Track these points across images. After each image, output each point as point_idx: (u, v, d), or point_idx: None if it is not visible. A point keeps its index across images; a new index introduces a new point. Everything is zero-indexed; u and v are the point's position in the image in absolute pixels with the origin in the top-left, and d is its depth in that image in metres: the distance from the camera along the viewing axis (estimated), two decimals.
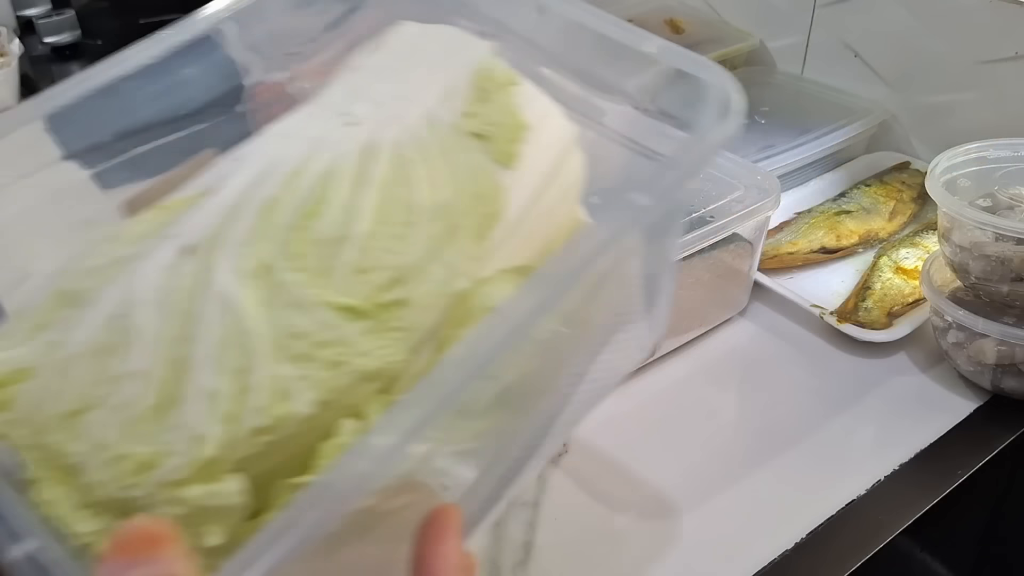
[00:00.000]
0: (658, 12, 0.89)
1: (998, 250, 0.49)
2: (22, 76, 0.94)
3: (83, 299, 0.24)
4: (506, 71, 0.29)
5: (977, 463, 0.49)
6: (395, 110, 0.27)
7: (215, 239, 0.24)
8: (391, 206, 0.25)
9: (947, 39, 0.69)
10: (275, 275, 0.23)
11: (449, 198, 0.25)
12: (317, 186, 0.25)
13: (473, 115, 0.27)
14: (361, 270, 0.23)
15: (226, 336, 0.22)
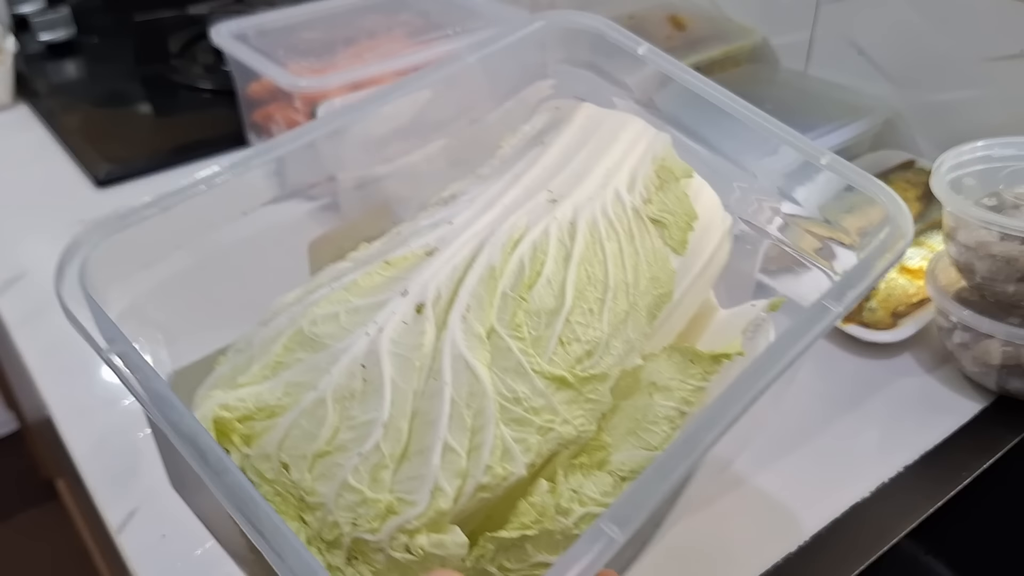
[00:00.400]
0: (660, 8, 0.88)
1: (1004, 249, 0.49)
2: (17, 74, 0.93)
3: (322, 344, 0.25)
4: (682, 164, 0.32)
5: (982, 465, 0.49)
6: (590, 190, 0.30)
7: (447, 300, 0.26)
8: (587, 282, 0.27)
9: (953, 36, 0.68)
10: (500, 341, 0.25)
11: (632, 278, 0.28)
12: (529, 258, 0.27)
13: (653, 202, 0.30)
14: (564, 342, 0.26)
15: (464, 394, 0.24)
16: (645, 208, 0.30)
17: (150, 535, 0.46)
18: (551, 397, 0.25)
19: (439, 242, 0.28)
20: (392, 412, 0.24)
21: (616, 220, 0.29)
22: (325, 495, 0.23)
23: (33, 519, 1.43)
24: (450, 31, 0.76)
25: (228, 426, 0.25)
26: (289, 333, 0.26)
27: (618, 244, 0.29)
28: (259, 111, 0.76)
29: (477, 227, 0.28)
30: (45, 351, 0.59)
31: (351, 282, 0.27)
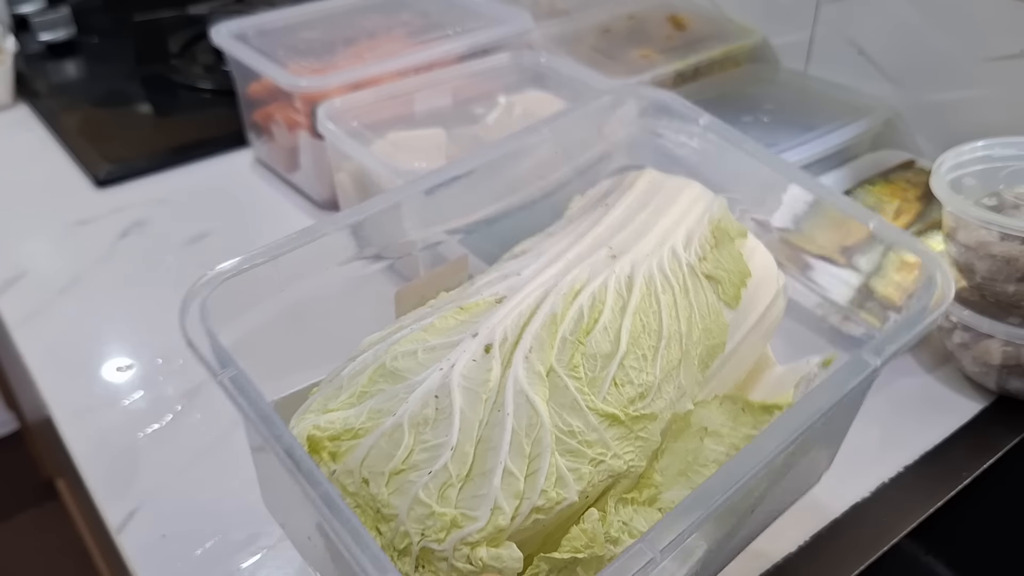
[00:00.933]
0: (661, 8, 0.88)
1: (1004, 249, 0.49)
2: (17, 73, 0.93)
3: (401, 377, 0.29)
4: (737, 224, 0.35)
5: (982, 465, 0.49)
6: (648, 247, 0.32)
7: (512, 341, 0.29)
8: (642, 331, 0.30)
9: (953, 36, 0.68)
10: (559, 379, 0.28)
11: (685, 329, 0.31)
12: (588, 307, 0.30)
13: (708, 259, 0.33)
14: (617, 383, 0.29)
15: (524, 425, 0.27)
16: (700, 265, 0.33)
17: (150, 535, 0.46)
18: (603, 432, 0.28)
19: (508, 291, 0.31)
20: (460, 437, 0.27)
21: (672, 275, 0.32)
22: (399, 508, 0.26)
23: (33, 519, 1.43)
24: (450, 31, 0.76)
25: (319, 444, 0.28)
26: (374, 367, 0.29)
27: (672, 297, 0.31)
28: (259, 111, 0.76)
29: (542, 279, 0.31)
30: (45, 351, 0.59)
31: (429, 324, 0.30)
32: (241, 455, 0.50)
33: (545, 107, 0.68)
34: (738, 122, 0.73)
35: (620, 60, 0.79)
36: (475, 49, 0.74)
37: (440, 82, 0.71)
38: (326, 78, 0.69)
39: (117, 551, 0.46)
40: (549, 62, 0.74)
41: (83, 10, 1.09)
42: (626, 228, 0.33)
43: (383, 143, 0.64)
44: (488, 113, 0.69)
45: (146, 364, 0.57)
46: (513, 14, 0.78)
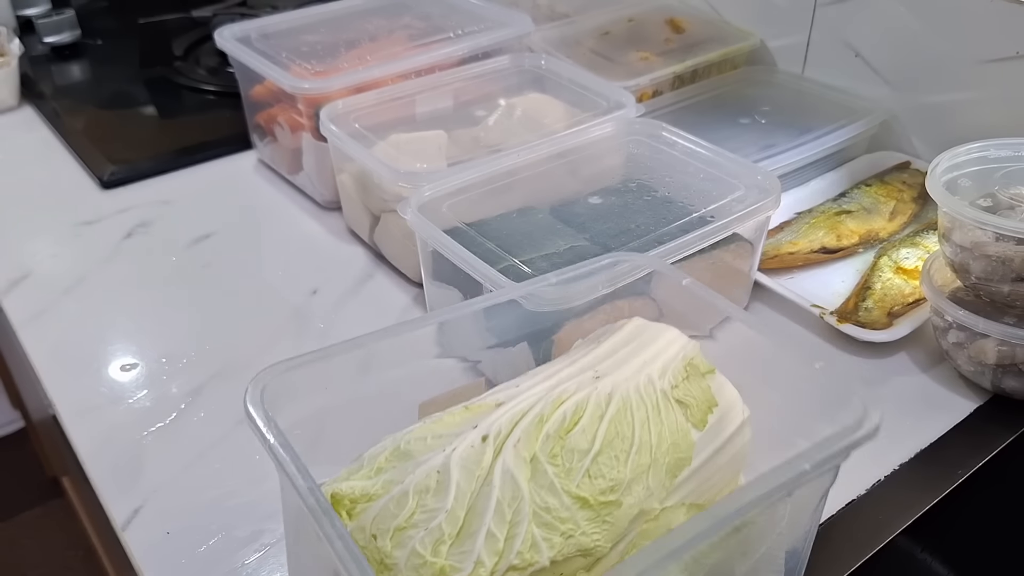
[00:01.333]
0: (659, 11, 0.89)
1: (999, 250, 0.49)
2: (22, 76, 0.94)
3: (412, 457, 0.35)
4: (706, 363, 0.42)
5: (977, 463, 0.49)
6: (627, 374, 0.39)
7: (505, 434, 0.36)
8: (615, 437, 0.36)
9: (948, 38, 0.69)
10: (540, 465, 0.35)
11: (655, 441, 0.37)
12: (571, 412, 0.37)
13: (680, 387, 0.40)
14: (591, 476, 0.35)
15: (507, 498, 0.33)
16: (672, 391, 0.39)
17: (155, 532, 0.46)
18: (575, 512, 0.34)
19: (506, 398, 0.38)
20: (454, 504, 0.33)
21: (646, 396, 0.38)
22: (399, 558, 0.32)
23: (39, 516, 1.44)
24: (451, 34, 0.77)
25: (340, 503, 0.34)
26: (391, 449, 0.36)
27: (646, 413, 0.38)
28: (262, 113, 0.77)
29: (536, 390, 0.38)
30: (50, 350, 0.60)
31: (439, 419, 0.37)
32: (244, 453, 0.51)
33: (545, 109, 0.69)
34: (736, 124, 0.74)
35: (619, 63, 0.80)
36: (476, 52, 0.75)
37: (441, 84, 0.71)
38: (328, 81, 0.69)
39: (122, 548, 0.46)
40: (549, 65, 0.74)
41: (88, 13, 1.10)
42: (611, 358, 0.40)
43: (385, 145, 0.65)
44: (489, 115, 0.69)
45: (150, 363, 0.58)
46: (513, 17, 0.79)
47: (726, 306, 0.44)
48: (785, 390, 0.54)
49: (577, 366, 0.40)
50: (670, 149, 0.62)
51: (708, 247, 0.54)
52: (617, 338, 0.42)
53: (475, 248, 0.51)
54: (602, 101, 0.68)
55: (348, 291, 0.65)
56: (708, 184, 0.58)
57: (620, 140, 0.64)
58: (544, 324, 0.49)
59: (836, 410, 0.39)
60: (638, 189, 0.59)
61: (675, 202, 0.57)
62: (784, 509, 0.39)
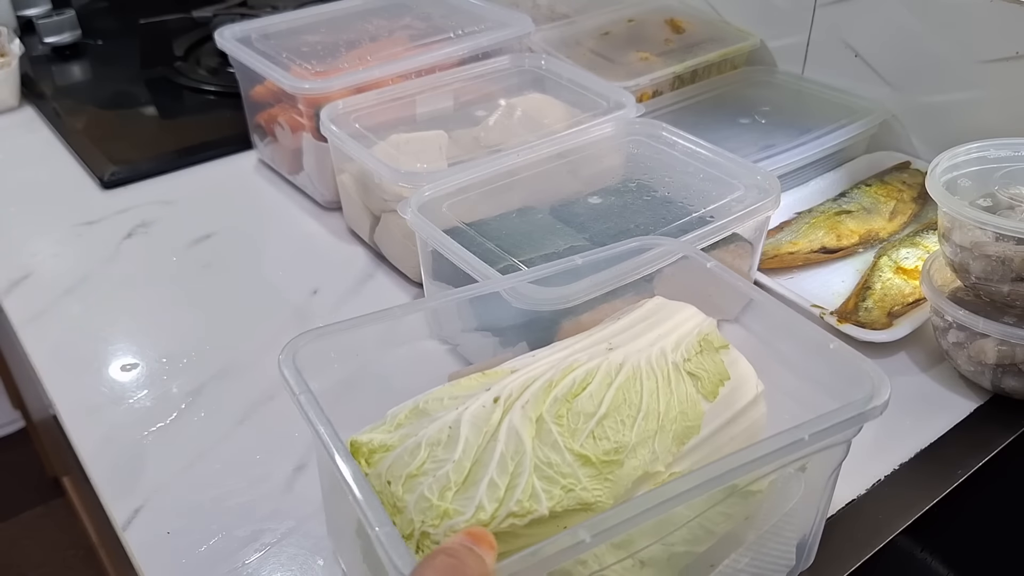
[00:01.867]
0: (659, 12, 0.89)
1: (999, 250, 0.49)
2: (22, 76, 0.94)
3: (428, 415, 0.38)
4: (721, 339, 0.43)
5: (977, 463, 0.49)
6: (640, 346, 0.41)
7: (515, 397, 0.38)
8: (623, 403, 0.38)
9: (948, 39, 0.69)
10: (545, 424, 0.37)
11: (663, 409, 0.39)
12: (580, 379, 0.39)
13: (692, 360, 0.41)
14: (595, 437, 0.37)
15: (511, 452, 0.35)
16: (684, 364, 0.41)
17: (155, 531, 0.46)
18: (576, 469, 0.35)
19: (521, 366, 0.40)
20: (461, 456, 0.35)
21: (657, 367, 0.40)
22: (408, 502, 0.34)
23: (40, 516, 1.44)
24: (451, 34, 0.77)
25: (359, 450, 0.37)
26: (410, 407, 0.39)
27: (655, 383, 0.39)
28: (263, 113, 0.77)
29: (550, 360, 0.40)
30: (51, 350, 0.60)
31: (457, 383, 0.40)
32: (244, 453, 0.51)
33: (545, 109, 0.69)
34: (735, 124, 0.74)
35: (619, 63, 0.80)
36: (476, 52, 0.75)
37: (442, 85, 0.71)
38: (329, 81, 0.69)
39: (122, 548, 0.47)
40: (549, 65, 0.74)
41: (88, 13, 1.10)
42: (626, 332, 0.42)
43: (385, 145, 0.65)
44: (489, 115, 0.69)
45: (151, 363, 0.58)
46: (514, 18, 0.79)
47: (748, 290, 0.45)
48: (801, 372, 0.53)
49: (592, 339, 0.42)
50: (670, 149, 0.62)
51: (708, 247, 0.54)
52: (635, 315, 0.44)
53: (475, 248, 0.51)
54: (602, 101, 0.68)
55: (348, 291, 0.65)
56: (708, 184, 0.58)
57: (620, 140, 0.64)
58: (543, 323, 0.49)
59: (849, 388, 0.39)
60: (638, 189, 0.59)
61: (675, 202, 0.57)
62: (797, 487, 0.40)
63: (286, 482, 0.49)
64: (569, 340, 0.43)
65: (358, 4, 0.85)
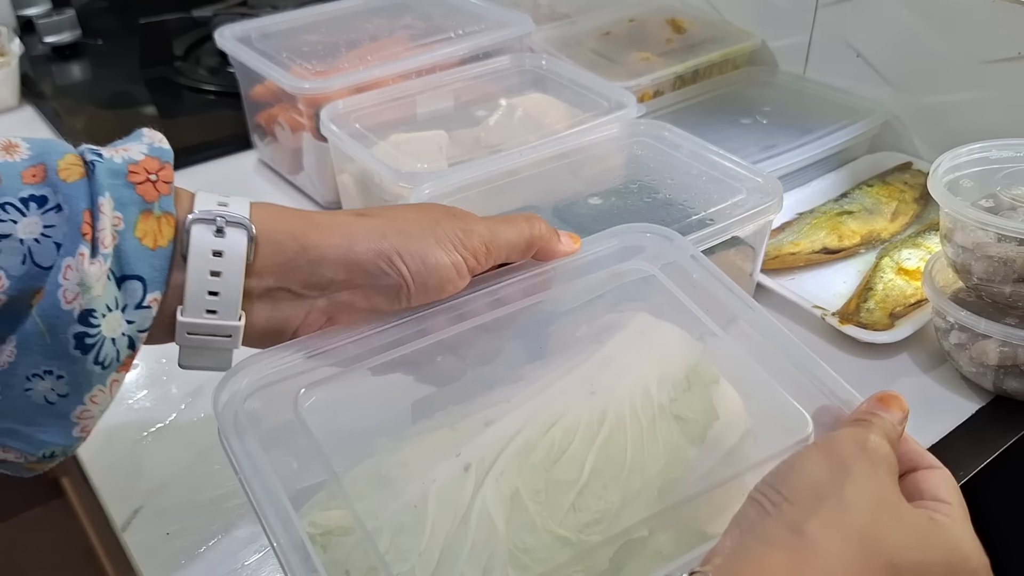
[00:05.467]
0: (660, 12, 0.89)
1: (1001, 251, 0.49)
2: (22, 76, 0.94)
3: (392, 485, 0.34)
4: (711, 371, 0.39)
5: (979, 464, 0.49)
6: (624, 387, 0.38)
7: (488, 464, 0.34)
8: (606, 463, 0.35)
9: (950, 39, 0.69)
10: (522, 501, 0.33)
11: (646, 463, 0.35)
12: (559, 441, 0.35)
13: (679, 401, 0.38)
14: (576, 509, 0.34)
15: (483, 540, 0.32)
16: (670, 405, 0.38)
17: (155, 533, 0.46)
18: (555, 552, 0.33)
19: (496, 416, 0.37)
20: (428, 545, 0.32)
21: (642, 413, 0.37)
22: None
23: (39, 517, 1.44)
24: (452, 34, 0.77)
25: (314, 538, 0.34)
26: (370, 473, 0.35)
27: (640, 432, 0.36)
28: (263, 113, 0.77)
29: (527, 408, 0.37)
30: None
31: (424, 438, 0.36)
32: None
33: (546, 110, 0.69)
34: (737, 124, 0.74)
35: (620, 63, 0.80)
36: (477, 52, 0.75)
37: (442, 85, 0.71)
38: (329, 81, 0.69)
39: (122, 548, 0.46)
40: (550, 65, 0.74)
41: (88, 13, 1.10)
42: (608, 368, 0.39)
43: (385, 145, 0.64)
44: (490, 115, 0.69)
45: (150, 364, 0.58)
46: (514, 17, 0.79)
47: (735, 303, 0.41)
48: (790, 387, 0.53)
49: (572, 376, 0.39)
50: (674, 151, 0.62)
51: (708, 250, 0.54)
52: (618, 341, 0.40)
53: None
54: (603, 101, 0.68)
55: None
56: (710, 186, 0.58)
57: (623, 141, 0.64)
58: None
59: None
60: (639, 190, 0.59)
61: (675, 204, 0.57)
62: None
63: None
64: (549, 377, 0.39)
65: (358, 4, 0.85)
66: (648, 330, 0.41)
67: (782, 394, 0.38)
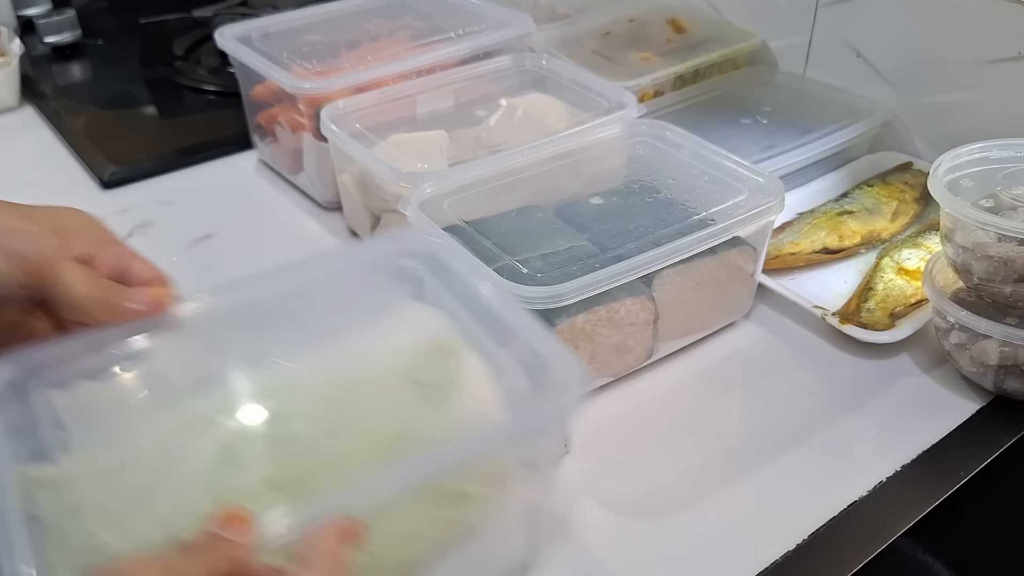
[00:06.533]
0: (661, 11, 0.89)
1: (1001, 251, 0.49)
2: (23, 76, 0.94)
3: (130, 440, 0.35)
4: (457, 343, 0.40)
5: (979, 464, 0.49)
6: (366, 354, 0.40)
7: (216, 414, 0.36)
8: (334, 418, 0.37)
9: (950, 39, 0.69)
10: (241, 448, 0.35)
11: (374, 421, 0.37)
12: (289, 398, 0.37)
13: (422, 368, 0.39)
14: (294, 459, 0.35)
15: (193, 479, 0.33)
16: (413, 372, 0.39)
17: None
18: (266, 495, 0.33)
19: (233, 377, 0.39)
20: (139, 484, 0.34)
21: (380, 377, 0.38)
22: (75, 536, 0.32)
23: None
24: (452, 34, 0.77)
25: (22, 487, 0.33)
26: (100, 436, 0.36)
27: (375, 394, 0.38)
28: (263, 113, 0.77)
29: (269, 372, 0.39)
30: None
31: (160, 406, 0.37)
32: None
33: (546, 109, 0.69)
34: (737, 124, 0.74)
35: (620, 63, 0.80)
36: (477, 52, 0.75)
37: (442, 85, 0.71)
38: (329, 81, 0.69)
39: None
40: (550, 65, 0.74)
41: (88, 13, 1.10)
42: (361, 344, 0.41)
43: (386, 145, 0.64)
44: (490, 115, 0.69)
45: None
46: (515, 17, 0.79)
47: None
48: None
49: (319, 347, 0.40)
50: (676, 151, 0.62)
51: (709, 250, 0.54)
52: (380, 325, 0.42)
53: (473, 246, 0.51)
54: (603, 101, 0.68)
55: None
56: (712, 186, 0.58)
57: (625, 141, 0.64)
58: None
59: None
60: (641, 190, 0.59)
61: (677, 204, 0.57)
62: (517, 485, 0.39)
63: None
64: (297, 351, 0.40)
65: (358, 4, 0.85)
66: (400, 310, 0.43)
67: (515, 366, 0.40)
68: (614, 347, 0.53)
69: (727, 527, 0.46)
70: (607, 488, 0.48)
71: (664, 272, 0.53)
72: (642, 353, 0.55)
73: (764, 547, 0.45)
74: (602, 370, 0.54)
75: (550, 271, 0.50)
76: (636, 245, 0.52)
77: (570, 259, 0.51)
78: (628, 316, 0.52)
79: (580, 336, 0.51)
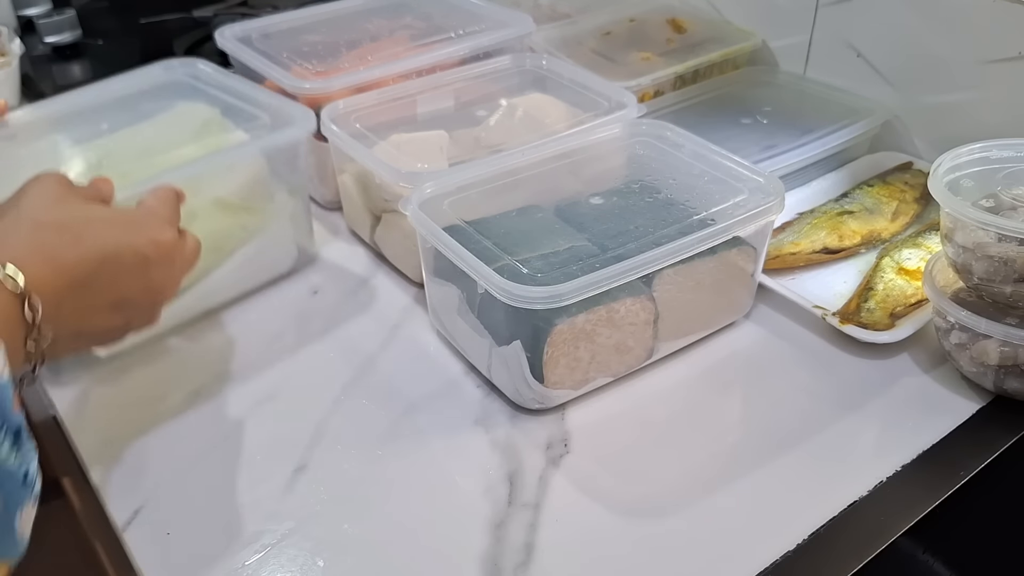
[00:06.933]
0: (660, 11, 0.89)
1: (1001, 251, 0.49)
2: (23, 76, 0.94)
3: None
4: (216, 116, 0.62)
5: (979, 464, 0.49)
6: (162, 130, 0.62)
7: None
8: (143, 163, 0.57)
9: (950, 39, 0.69)
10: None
11: (168, 162, 0.57)
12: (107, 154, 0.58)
13: (197, 133, 0.59)
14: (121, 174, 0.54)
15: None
16: (190, 138, 0.59)
17: (155, 532, 0.46)
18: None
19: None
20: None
21: (168, 143, 0.59)
22: None
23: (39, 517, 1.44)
24: (452, 34, 0.77)
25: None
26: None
27: (166, 149, 0.58)
28: None
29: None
30: None
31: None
32: (244, 453, 0.51)
33: (546, 109, 0.69)
34: (737, 124, 0.74)
35: (620, 63, 0.80)
36: (477, 52, 0.75)
37: (442, 85, 0.71)
38: (329, 81, 0.69)
39: (122, 548, 0.46)
40: (550, 65, 0.74)
41: (89, 13, 1.10)
42: (140, 132, 0.62)
43: (386, 145, 0.64)
44: (490, 115, 0.69)
45: None
46: (515, 17, 0.79)
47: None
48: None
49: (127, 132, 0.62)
50: (676, 151, 0.62)
51: (709, 250, 0.54)
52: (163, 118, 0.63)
53: (473, 246, 0.51)
54: (604, 101, 0.68)
55: (348, 291, 0.65)
56: (712, 186, 0.58)
57: (625, 141, 0.64)
58: (537, 323, 0.49)
59: None
60: (641, 190, 0.59)
61: (677, 204, 0.57)
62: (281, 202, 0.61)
63: (286, 483, 0.49)
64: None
65: (358, 4, 0.85)
66: (186, 109, 0.62)
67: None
68: (614, 347, 0.53)
69: (727, 527, 0.46)
70: (607, 488, 0.48)
71: (664, 272, 0.53)
72: (642, 353, 0.55)
73: (764, 547, 0.45)
74: (602, 370, 0.54)
75: (550, 271, 0.50)
76: (636, 245, 0.52)
77: (570, 259, 0.51)
78: (628, 316, 0.52)
79: (580, 336, 0.51)
